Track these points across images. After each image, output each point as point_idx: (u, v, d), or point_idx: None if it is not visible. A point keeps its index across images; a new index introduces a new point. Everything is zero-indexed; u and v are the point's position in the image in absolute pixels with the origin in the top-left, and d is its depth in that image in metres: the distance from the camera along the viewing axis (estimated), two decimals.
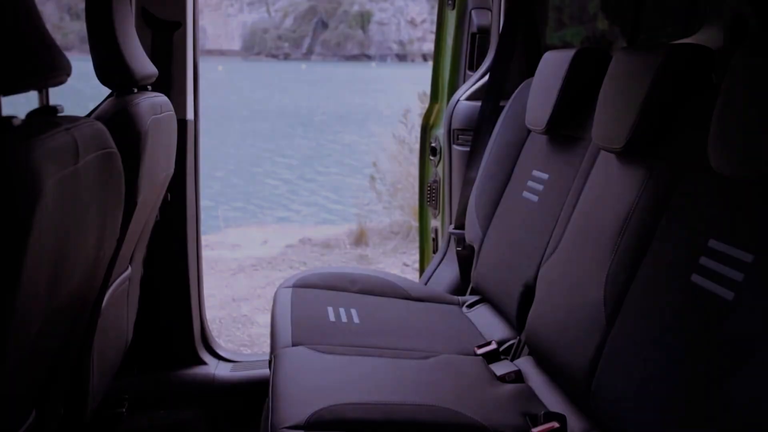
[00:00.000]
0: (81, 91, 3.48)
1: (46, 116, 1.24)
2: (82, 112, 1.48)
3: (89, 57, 1.69)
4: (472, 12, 2.82)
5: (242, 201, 9.54)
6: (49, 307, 1.22)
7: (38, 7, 1.18)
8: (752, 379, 1.11)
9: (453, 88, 2.86)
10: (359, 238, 6.12)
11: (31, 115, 1.25)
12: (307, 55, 62.47)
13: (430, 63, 3.06)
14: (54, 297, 1.23)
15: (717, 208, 1.33)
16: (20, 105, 1.18)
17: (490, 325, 2.15)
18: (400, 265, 5.49)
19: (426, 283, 2.77)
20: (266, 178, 11.75)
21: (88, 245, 1.34)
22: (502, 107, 2.53)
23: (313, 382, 1.65)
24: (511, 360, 1.93)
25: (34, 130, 1.10)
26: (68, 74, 1.20)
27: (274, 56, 62.63)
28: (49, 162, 1.07)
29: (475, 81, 2.75)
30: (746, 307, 1.17)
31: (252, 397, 2.37)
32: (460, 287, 2.60)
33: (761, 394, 1.09)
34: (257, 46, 63.04)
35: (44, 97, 1.27)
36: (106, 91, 1.82)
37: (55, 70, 1.16)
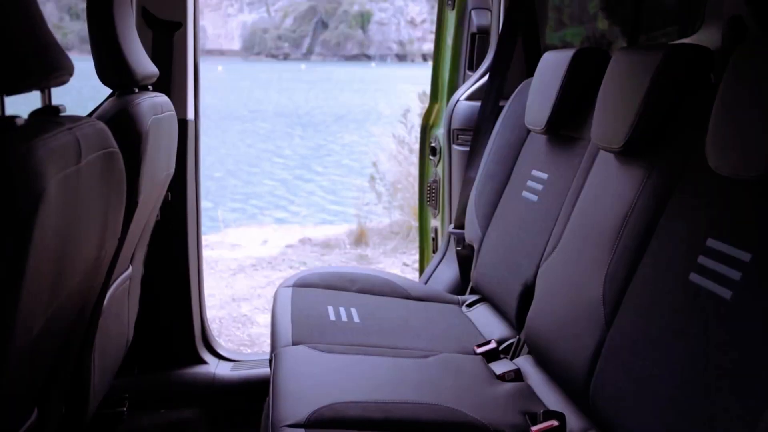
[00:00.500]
0: (80, 91, 3.49)
1: (49, 116, 1.25)
2: (82, 112, 1.48)
3: (89, 57, 1.70)
4: (472, 12, 2.83)
5: (241, 202, 9.52)
6: (50, 307, 1.22)
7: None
8: (750, 379, 1.12)
9: (453, 88, 2.87)
10: (359, 238, 6.12)
11: (34, 114, 1.26)
12: (307, 55, 62.49)
13: (430, 63, 3.06)
14: (56, 296, 1.23)
15: (715, 208, 1.33)
16: (20, 105, 1.19)
17: (489, 324, 2.15)
18: (400, 265, 5.49)
19: (426, 283, 2.78)
20: (265, 179, 11.73)
21: (89, 244, 1.34)
22: (502, 107, 2.53)
23: (314, 381, 1.65)
24: (511, 359, 1.94)
25: (36, 130, 1.10)
26: (71, 74, 1.20)
27: (274, 56, 62.64)
28: (52, 161, 1.07)
29: (474, 81, 2.75)
30: (744, 306, 1.18)
31: (252, 396, 2.37)
32: (460, 287, 2.61)
33: (760, 393, 1.10)
34: (257, 46, 63.05)
35: (47, 97, 1.28)
36: (105, 90, 1.83)
37: (58, 70, 1.16)
